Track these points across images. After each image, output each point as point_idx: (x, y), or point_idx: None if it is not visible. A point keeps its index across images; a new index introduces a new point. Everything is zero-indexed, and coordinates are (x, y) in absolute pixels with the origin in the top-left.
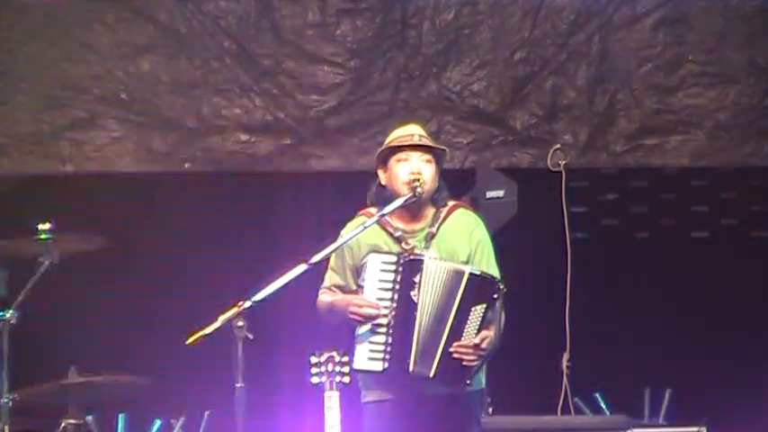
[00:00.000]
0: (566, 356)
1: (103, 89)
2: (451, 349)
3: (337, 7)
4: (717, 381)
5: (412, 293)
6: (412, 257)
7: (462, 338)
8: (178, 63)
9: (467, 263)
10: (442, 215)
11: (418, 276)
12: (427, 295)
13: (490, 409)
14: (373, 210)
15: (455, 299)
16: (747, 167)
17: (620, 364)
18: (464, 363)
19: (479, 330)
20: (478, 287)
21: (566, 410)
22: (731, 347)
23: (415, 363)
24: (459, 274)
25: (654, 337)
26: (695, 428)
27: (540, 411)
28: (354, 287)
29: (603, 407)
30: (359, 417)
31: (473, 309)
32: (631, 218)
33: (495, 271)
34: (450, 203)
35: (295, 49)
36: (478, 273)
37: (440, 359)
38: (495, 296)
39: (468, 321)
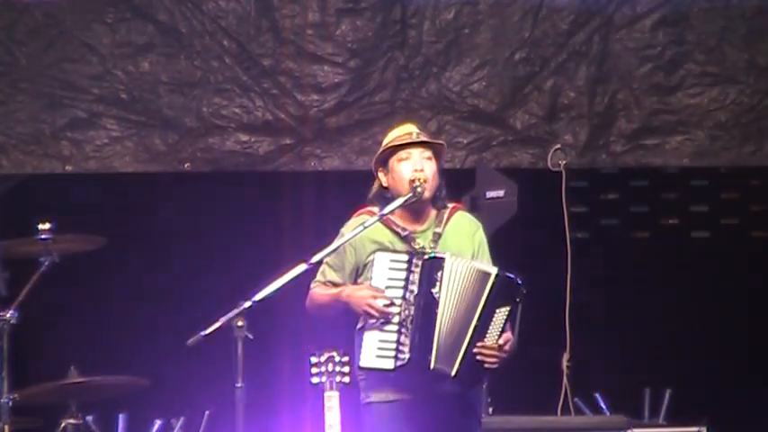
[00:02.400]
0: (566, 356)
1: (103, 89)
2: (475, 350)
3: (337, 7)
4: (717, 381)
5: (433, 290)
6: (435, 255)
7: (486, 340)
8: (178, 63)
9: None
10: (446, 216)
11: (440, 273)
12: (450, 293)
13: (490, 409)
14: (375, 209)
15: (480, 299)
16: (747, 167)
17: (620, 364)
18: (485, 364)
19: (501, 332)
20: (504, 289)
21: (566, 410)
22: (731, 347)
23: (436, 360)
24: (486, 274)
25: (654, 337)
26: (695, 428)
27: (540, 411)
28: (342, 281)
29: (603, 407)
30: (359, 417)
31: (498, 310)
32: (631, 218)
33: None
34: (450, 205)
35: (295, 49)
36: (504, 274)
37: (462, 358)
38: (518, 299)
39: (492, 323)
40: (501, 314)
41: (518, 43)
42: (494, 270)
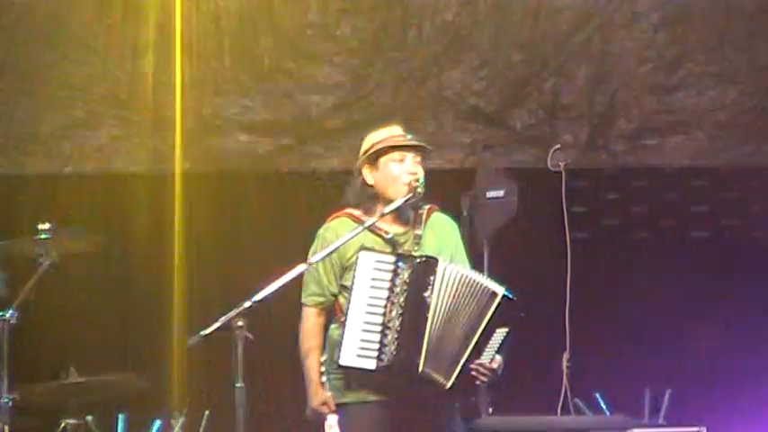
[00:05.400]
0: (566, 356)
1: (103, 89)
2: (472, 366)
3: (337, 7)
4: (717, 381)
5: (425, 294)
6: (427, 258)
7: (482, 358)
8: (178, 63)
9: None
10: (423, 217)
11: (432, 278)
12: (441, 298)
13: (490, 410)
14: (354, 211)
15: (484, 316)
16: (747, 167)
17: (620, 364)
18: (477, 381)
19: (495, 353)
20: (506, 310)
21: (566, 410)
22: (731, 347)
23: (424, 363)
24: (493, 294)
25: (654, 337)
26: (695, 428)
27: (540, 411)
28: (337, 289)
29: (603, 407)
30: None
31: (497, 330)
32: (631, 218)
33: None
34: (426, 207)
35: (295, 49)
36: (509, 295)
37: (459, 372)
38: (516, 322)
39: (491, 342)
40: (499, 335)
41: (518, 43)
42: (501, 290)
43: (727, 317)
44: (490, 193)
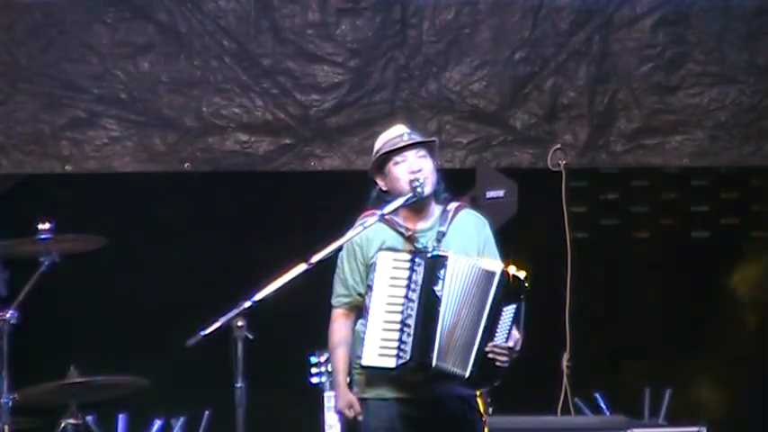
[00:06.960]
0: (566, 356)
1: (103, 89)
2: (487, 349)
3: (337, 7)
4: (716, 380)
5: (436, 288)
6: (438, 253)
7: (495, 339)
8: (178, 63)
9: None
10: (450, 215)
11: (442, 272)
12: (453, 291)
13: (490, 410)
14: (378, 211)
15: (488, 299)
16: (747, 167)
17: (620, 364)
18: (497, 363)
19: (509, 331)
20: (509, 286)
21: (566, 410)
22: (731, 347)
23: (438, 357)
24: (491, 273)
25: (654, 337)
26: (695, 428)
27: (540, 411)
28: (364, 289)
29: (603, 407)
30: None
31: (504, 309)
32: (631, 218)
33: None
34: (455, 204)
35: (295, 48)
36: (508, 271)
37: (474, 360)
38: (522, 296)
39: (501, 322)
40: (508, 312)
41: (518, 43)
42: (498, 268)
43: (727, 317)
44: (490, 193)
